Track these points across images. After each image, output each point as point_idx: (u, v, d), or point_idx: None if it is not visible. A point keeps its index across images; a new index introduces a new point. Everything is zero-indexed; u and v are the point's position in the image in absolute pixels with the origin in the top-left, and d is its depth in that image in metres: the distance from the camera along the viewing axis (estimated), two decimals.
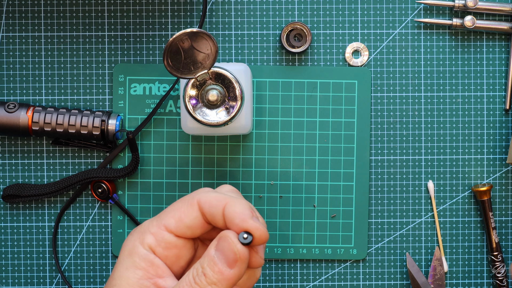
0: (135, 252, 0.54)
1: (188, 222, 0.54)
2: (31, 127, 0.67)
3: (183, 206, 0.55)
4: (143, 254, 0.54)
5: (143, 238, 0.55)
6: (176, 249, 0.55)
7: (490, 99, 0.69)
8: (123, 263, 0.54)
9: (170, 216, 0.55)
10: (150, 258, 0.54)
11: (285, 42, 0.68)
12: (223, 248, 0.51)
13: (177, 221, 0.54)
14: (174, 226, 0.54)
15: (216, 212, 0.53)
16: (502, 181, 0.69)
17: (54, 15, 0.69)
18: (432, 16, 0.69)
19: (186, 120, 0.63)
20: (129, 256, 0.54)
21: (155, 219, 0.55)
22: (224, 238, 0.51)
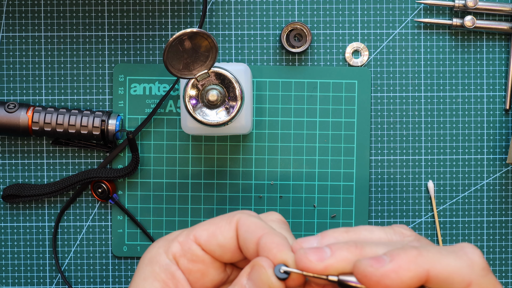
0: (156, 261, 0.48)
1: (221, 239, 0.48)
2: (31, 127, 0.67)
3: (221, 221, 0.48)
4: (164, 264, 0.48)
5: (169, 246, 0.49)
6: (202, 265, 0.48)
7: (490, 99, 0.69)
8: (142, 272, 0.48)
9: (204, 228, 0.48)
10: (171, 270, 0.48)
11: (285, 42, 0.68)
12: (256, 279, 0.45)
13: (209, 235, 0.48)
14: (204, 240, 0.48)
15: (250, 239, 0.46)
16: (502, 181, 0.69)
17: (54, 15, 0.69)
18: (432, 16, 0.69)
19: (186, 120, 0.63)
20: (149, 264, 0.48)
21: (187, 229, 0.50)
22: (258, 267, 0.45)
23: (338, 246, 0.44)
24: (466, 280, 0.42)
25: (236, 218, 0.48)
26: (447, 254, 0.42)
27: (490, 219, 0.69)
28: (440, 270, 0.42)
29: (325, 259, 0.44)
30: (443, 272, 0.42)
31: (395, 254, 0.42)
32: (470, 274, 0.42)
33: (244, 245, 0.47)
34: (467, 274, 0.42)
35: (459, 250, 0.43)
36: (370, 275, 0.42)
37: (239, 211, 0.49)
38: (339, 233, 0.46)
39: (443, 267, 0.42)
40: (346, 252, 0.44)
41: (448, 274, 0.42)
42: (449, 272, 0.42)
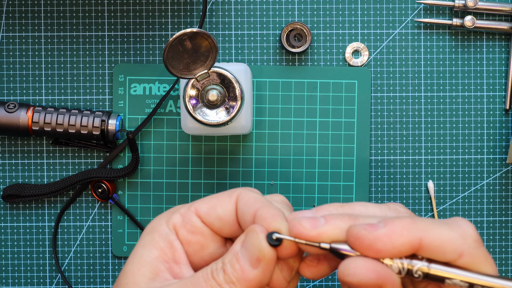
0: (157, 230, 0.48)
1: (220, 212, 0.48)
2: (31, 127, 0.67)
3: (222, 195, 0.49)
4: (164, 233, 0.48)
5: (170, 217, 0.49)
6: (201, 237, 0.48)
7: (490, 99, 0.69)
8: (142, 240, 0.48)
9: (205, 201, 0.49)
10: (170, 239, 0.48)
11: (285, 42, 0.68)
12: (248, 245, 0.45)
13: (209, 207, 0.48)
14: (204, 212, 0.48)
15: (248, 212, 0.47)
16: (502, 181, 0.69)
17: (54, 15, 0.69)
18: (432, 16, 0.69)
19: (186, 120, 0.63)
20: (150, 233, 0.48)
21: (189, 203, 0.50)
22: (252, 232, 0.45)
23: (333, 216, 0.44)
24: (458, 250, 0.42)
25: (237, 192, 0.48)
26: (440, 225, 0.43)
27: (490, 219, 0.69)
28: (432, 239, 0.42)
29: (318, 226, 0.44)
30: (435, 241, 0.42)
31: (389, 220, 0.43)
32: (463, 245, 0.42)
33: (242, 218, 0.47)
34: (460, 244, 0.42)
35: (453, 222, 0.43)
36: (363, 238, 0.42)
37: (241, 187, 0.49)
38: (334, 207, 0.47)
39: (436, 235, 0.42)
40: (340, 221, 0.44)
41: (441, 243, 0.42)
42: (442, 241, 0.42)
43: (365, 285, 0.42)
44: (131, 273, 0.47)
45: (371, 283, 0.42)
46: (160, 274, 0.47)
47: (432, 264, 0.42)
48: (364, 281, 0.42)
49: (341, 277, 0.43)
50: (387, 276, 0.42)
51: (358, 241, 0.43)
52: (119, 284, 0.47)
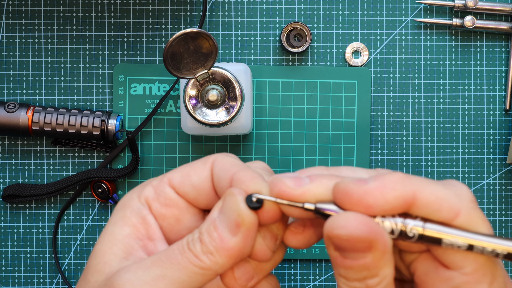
0: (128, 205, 0.44)
1: (195, 180, 0.44)
2: (31, 127, 0.67)
3: (196, 163, 0.45)
4: (136, 208, 0.44)
5: (142, 191, 0.45)
6: (176, 210, 0.44)
7: (490, 99, 0.69)
8: (113, 217, 0.44)
9: (179, 170, 0.45)
10: (142, 214, 0.44)
11: (285, 42, 0.68)
12: (226, 209, 0.41)
13: (183, 176, 0.44)
14: (178, 181, 0.44)
15: (224, 177, 0.42)
16: (502, 181, 0.69)
17: (54, 15, 0.69)
18: (432, 16, 0.69)
19: (186, 120, 0.63)
20: (121, 209, 0.44)
21: (162, 175, 0.46)
22: (229, 196, 0.41)
23: (318, 176, 0.40)
24: (454, 208, 0.38)
25: (212, 158, 0.44)
26: (435, 183, 0.39)
27: (490, 219, 0.69)
28: (427, 194, 0.38)
29: (303, 185, 0.40)
30: (430, 197, 0.38)
31: (380, 175, 0.39)
32: (459, 203, 0.39)
33: (218, 184, 0.43)
34: (456, 203, 0.38)
35: (448, 183, 0.40)
36: (352, 191, 0.38)
37: (217, 153, 0.45)
38: (319, 169, 0.43)
39: (431, 191, 0.38)
40: (327, 180, 0.40)
41: (436, 199, 0.38)
42: (437, 197, 0.38)
43: (355, 239, 0.37)
44: (101, 253, 0.43)
45: (362, 238, 0.37)
46: (134, 253, 0.43)
47: (427, 224, 0.38)
48: (355, 234, 0.37)
49: (328, 232, 0.38)
50: (379, 233, 0.37)
51: (346, 196, 0.38)
52: (89, 266, 0.43)
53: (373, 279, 0.38)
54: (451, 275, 0.39)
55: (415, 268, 0.41)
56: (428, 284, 0.40)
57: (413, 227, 0.38)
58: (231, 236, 0.40)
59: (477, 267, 0.38)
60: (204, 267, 0.40)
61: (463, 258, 0.39)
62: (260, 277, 0.43)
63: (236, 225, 0.40)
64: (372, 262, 0.38)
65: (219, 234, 0.40)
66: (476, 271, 0.38)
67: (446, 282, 0.39)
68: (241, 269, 0.42)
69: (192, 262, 0.40)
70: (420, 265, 0.41)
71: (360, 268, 0.38)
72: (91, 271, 0.43)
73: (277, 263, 0.43)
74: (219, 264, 0.40)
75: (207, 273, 0.40)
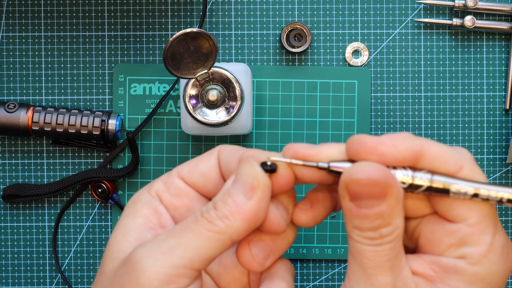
0: (139, 199, 0.45)
1: (202, 168, 0.45)
2: (31, 127, 0.67)
3: (202, 155, 0.46)
4: (146, 200, 0.45)
5: (151, 185, 0.46)
6: (186, 199, 0.45)
7: (490, 99, 0.69)
8: (124, 211, 0.45)
9: (186, 163, 0.46)
10: (153, 205, 0.45)
11: (285, 42, 0.68)
12: (241, 174, 0.41)
13: (191, 166, 0.45)
14: (186, 172, 0.45)
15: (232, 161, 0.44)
16: (502, 181, 0.69)
17: (54, 15, 0.69)
18: (432, 16, 0.69)
19: (186, 120, 0.63)
20: (132, 204, 0.45)
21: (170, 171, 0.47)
22: (244, 162, 0.42)
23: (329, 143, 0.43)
24: (458, 162, 0.41)
25: (217, 148, 0.46)
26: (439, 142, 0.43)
27: None
28: (434, 148, 0.41)
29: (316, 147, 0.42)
30: (437, 151, 0.41)
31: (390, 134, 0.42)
32: (462, 158, 0.42)
33: (226, 168, 0.45)
34: (460, 157, 0.42)
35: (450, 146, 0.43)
36: (366, 141, 0.41)
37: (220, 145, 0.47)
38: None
39: (437, 147, 0.41)
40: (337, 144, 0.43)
41: (442, 153, 0.41)
42: (443, 152, 0.41)
43: (373, 183, 0.39)
44: (115, 243, 0.44)
45: (380, 181, 0.39)
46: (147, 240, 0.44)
47: (435, 176, 0.41)
48: (373, 177, 0.39)
49: (347, 178, 0.40)
50: (393, 180, 0.40)
51: (361, 145, 0.41)
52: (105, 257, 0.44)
53: (386, 228, 0.40)
54: (457, 227, 0.41)
55: (420, 231, 0.43)
56: (434, 241, 0.42)
57: (422, 178, 0.41)
58: (246, 200, 0.41)
59: (481, 218, 0.41)
60: (219, 231, 0.41)
61: (467, 209, 0.41)
62: (276, 256, 0.44)
63: (251, 188, 0.41)
64: (387, 210, 0.40)
65: (233, 199, 0.41)
66: (480, 222, 0.41)
67: (453, 235, 0.41)
68: (257, 247, 0.43)
69: (207, 227, 0.41)
70: (425, 226, 0.43)
71: (375, 217, 0.40)
72: (106, 262, 0.44)
73: (289, 242, 0.44)
74: (233, 227, 0.41)
75: (222, 238, 0.41)
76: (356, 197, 0.40)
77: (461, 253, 0.41)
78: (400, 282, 0.41)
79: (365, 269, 0.40)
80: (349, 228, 0.41)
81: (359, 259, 0.41)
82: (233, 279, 0.46)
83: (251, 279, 0.47)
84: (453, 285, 0.41)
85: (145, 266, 0.40)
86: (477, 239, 0.41)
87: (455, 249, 0.42)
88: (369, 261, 0.40)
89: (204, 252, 0.41)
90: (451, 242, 0.42)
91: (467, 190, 0.41)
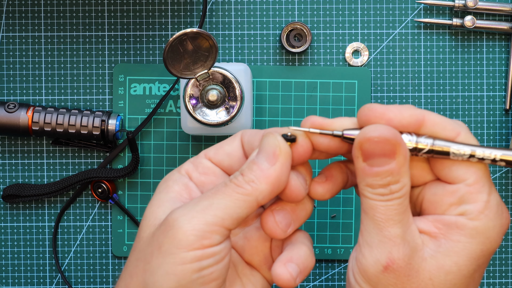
0: (170, 178, 0.51)
1: (227, 148, 0.51)
2: (31, 127, 0.67)
3: (227, 139, 0.52)
4: (177, 178, 0.50)
5: (181, 167, 0.51)
6: (213, 177, 0.50)
7: (490, 99, 0.69)
8: (157, 190, 0.50)
9: (212, 146, 0.52)
10: (184, 181, 0.50)
11: (285, 42, 0.68)
12: (264, 145, 0.47)
13: (217, 148, 0.51)
14: (213, 152, 0.51)
15: (254, 140, 0.49)
16: (502, 181, 0.69)
17: (54, 15, 0.69)
18: (432, 16, 0.69)
19: (186, 120, 0.63)
20: (164, 182, 0.51)
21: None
22: (266, 135, 0.47)
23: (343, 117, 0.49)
24: (456, 129, 0.47)
25: (240, 132, 0.51)
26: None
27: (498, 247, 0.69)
28: (434, 117, 0.47)
29: (331, 119, 0.48)
30: (437, 119, 0.47)
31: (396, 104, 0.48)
32: (459, 126, 0.47)
33: (249, 147, 0.50)
34: (457, 126, 0.47)
35: None
36: (375, 107, 0.46)
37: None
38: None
39: (437, 116, 0.47)
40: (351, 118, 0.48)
41: (441, 121, 0.47)
42: (442, 120, 0.47)
43: (385, 140, 0.45)
44: (151, 213, 0.48)
45: (391, 139, 0.45)
46: None
47: (436, 140, 0.46)
48: (385, 135, 0.45)
49: (361, 138, 0.45)
50: (401, 139, 0.45)
51: (371, 111, 0.46)
52: (141, 226, 0.49)
53: (396, 185, 0.45)
54: (456, 187, 0.47)
55: (423, 196, 0.48)
56: (437, 202, 0.47)
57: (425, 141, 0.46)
58: (269, 166, 0.46)
59: (477, 179, 0.46)
60: (247, 193, 0.46)
61: (465, 171, 0.46)
62: (297, 225, 0.50)
63: (274, 155, 0.46)
64: (396, 167, 0.45)
65: (258, 166, 0.46)
66: (477, 182, 0.46)
67: (453, 195, 0.47)
68: (280, 214, 0.49)
69: (236, 190, 0.46)
70: (427, 190, 0.48)
71: (386, 174, 0.45)
72: (143, 229, 0.48)
73: (307, 213, 0.50)
74: (259, 190, 0.46)
75: (249, 199, 0.46)
76: (369, 156, 0.45)
77: (461, 211, 0.46)
78: (409, 236, 0.46)
79: (377, 223, 0.45)
80: (362, 187, 0.46)
81: (372, 214, 0.46)
82: (256, 250, 0.51)
83: (273, 249, 0.51)
84: (455, 240, 0.46)
85: (181, 223, 0.45)
86: (475, 197, 0.46)
87: (455, 207, 0.46)
88: (381, 215, 0.45)
89: (233, 212, 0.46)
90: (452, 201, 0.46)
91: (465, 151, 0.46)
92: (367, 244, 0.46)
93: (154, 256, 0.45)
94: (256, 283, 0.51)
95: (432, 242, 0.46)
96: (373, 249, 0.46)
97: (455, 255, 0.46)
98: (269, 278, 0.52)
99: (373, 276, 0.46)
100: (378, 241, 0.46)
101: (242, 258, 0.52)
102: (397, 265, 0.45)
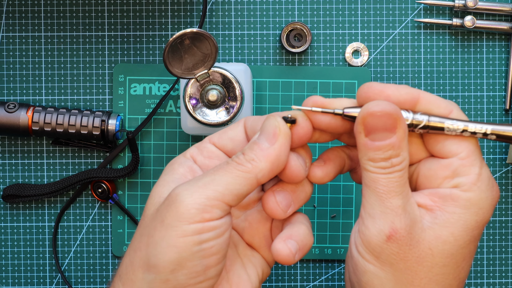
0: (175, 161, 0.52)
1: (230, 133, 0.52)
2: (31, 127, 0.67)
3: (230, 125, 0.54)
4: (182, 161, 0.52)
5: (186, 151, 0.53)
6: (217, 160, 0.52)
7: (490, 99, 0.69)
8: (163, 172, 0.52)
9: (216, 132, 0.53)
10: (189, 164, 0.52)
11: (285, 42, 0.68)
12: (265, 126, 0.49)
13: (221, 133, 0.53)
14: (217, 138, 0.53)
15: (256, 125, 0.51)
16: (502, 181, 0.69)
17: (54, 15, 0.69)
18: (432, 16, 0.69)
19: (186, 120, 0.63)
20: (170, 165, 0.52)
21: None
22: (268, 117, 0.49)
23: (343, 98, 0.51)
24: (449, 107, 0.49)
25: (243, 119, 0.53)
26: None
27: (490, 219, 0.69)
28: (429, 96, 0.49)
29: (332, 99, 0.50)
30: (431, 97, 0.49)
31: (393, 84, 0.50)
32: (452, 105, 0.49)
33: (251, 131, 0.51)
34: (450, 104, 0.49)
35: None
36: (374, 85, 0.49)
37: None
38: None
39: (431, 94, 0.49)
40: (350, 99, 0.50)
41: (435, 99, 0.49)
42: (436, 98, 0.49)
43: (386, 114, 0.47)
44: (156, 193, 0.50)
45: (391, 112, 0.47)
46: None
47: (431, 117, 0.48)
48: (386, 109, 0.47)
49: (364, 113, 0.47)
50: (401, 114, 0.47)
51: (370, 89, 0.48)
52: (147, 205, 0.50)
53: (396, 158, 0.47)
54: (450, 161, 0.49)
55: (418, 172, 0.50)
56: (432, 176, 0.49)
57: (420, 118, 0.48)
58: (269, 145, 0.48)
59: (469, 153, 0.49)
60: (247, 171, 0.47)
61: (458, 145, 0.49)
62: (296, 206, 0.51)
63: (274, 135, 0.48)
64: (396, 141, 0.47)
65: (259, 145, 0.48)
66: (469, 156, 0.48)
67: (447, 168, 0.49)
68: (281, 195, 0.50)
69: (236, 167, 0.48)
70: (422, 166, 0.50)
71: (387, 148, 0.47)
72: (148, 207, 0.50)
73: (307, 195, 0.51)
74: (259, 168, 0.48)
75: (250, 177, 0.48)
76: (371, 131, 0.47)
77: (455, 183, 0.48)
78: (409, 207, 0.47)
79: (379, 195, 0.47)
80: (364, 162, 0.48)
81: (374, 186, 0.47)
82: (257, 232, 0.53)
83: (273, 231, 0.53)
84: (450, 211, 0.48)
85: (183, 197, 0.47)
86: (467, 170, 0.48)
87: (449, 180, 0.48)
88: (383, 187, 0.47)
89: (234, 188, 0.47)
90: (446, 174, 0.49)
91: (458, 126, 0.48)
92: (369, 216, 0.48)
93: (157, 230, 0.47)
94: (256, 263, 0.53)
95: (429, 214, 0.48)
96: (376, 220, 0.47)
97: (451, 226, 0.48)
98: (269, 259, 0.54)
99: (377, 246, 0.47)
100: (380, 212, 0.47)
101: (243, 239, 0.54)
102: (399, 234, 0.47)
